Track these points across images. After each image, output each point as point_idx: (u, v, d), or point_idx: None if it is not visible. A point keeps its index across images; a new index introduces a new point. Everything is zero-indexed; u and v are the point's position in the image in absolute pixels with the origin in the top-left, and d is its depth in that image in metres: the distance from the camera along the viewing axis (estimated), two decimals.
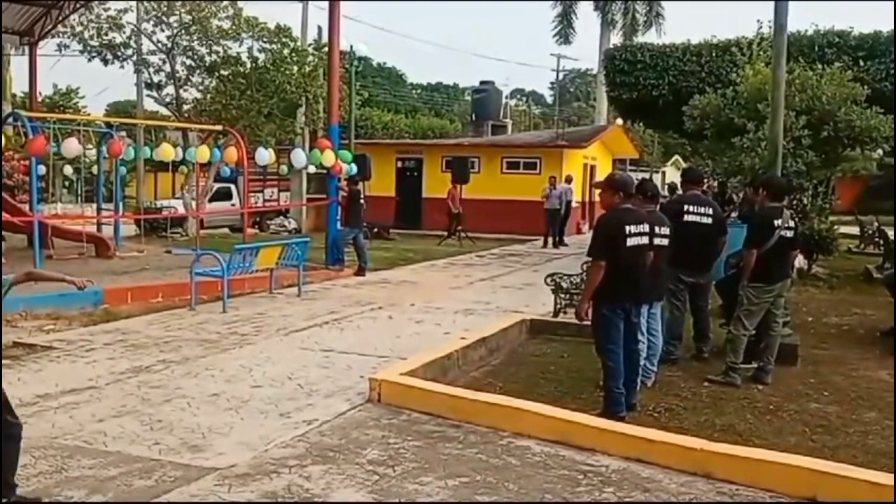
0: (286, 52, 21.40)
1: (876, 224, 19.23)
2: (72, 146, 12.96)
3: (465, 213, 21.36)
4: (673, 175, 37.17)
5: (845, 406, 6.23)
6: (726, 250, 8.04)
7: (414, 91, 63.62)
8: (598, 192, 6.38)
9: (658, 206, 6.98)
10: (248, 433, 5.32)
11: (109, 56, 20.98)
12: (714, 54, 18.31)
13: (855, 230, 19.43)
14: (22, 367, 6.96)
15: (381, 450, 5.04)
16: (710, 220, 7.56)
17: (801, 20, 26.74)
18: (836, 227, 13.72)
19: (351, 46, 23.09)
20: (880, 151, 15.30)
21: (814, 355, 7.85)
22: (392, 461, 4.84)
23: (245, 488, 4.40)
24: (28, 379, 6.59)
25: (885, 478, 4.28)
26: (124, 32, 21.16)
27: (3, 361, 6.91)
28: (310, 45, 23.65)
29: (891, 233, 16.42)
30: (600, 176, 23.82)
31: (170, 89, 21.72)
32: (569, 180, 22.17)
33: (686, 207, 7.50)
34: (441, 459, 4.89)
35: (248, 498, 4.26)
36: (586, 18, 50.01)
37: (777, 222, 6.81)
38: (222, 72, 21.23)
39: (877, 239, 18.73)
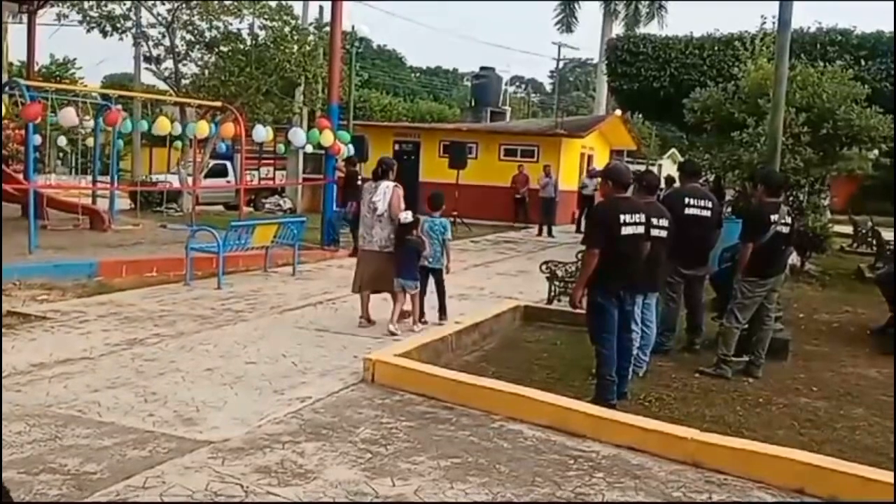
0: (287, 30, 21.23)
1: (870, 224, 19.31)
2: (69, 115, 12.89)
3: (529, 201, 21.49)
4: (669, 168, 37.18)
5: (834, 402, 6.30)
6: (720, 244, 8.09)
7: (413, 74, 63.46)
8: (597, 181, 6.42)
9: (656, 198, 7.02)
10: (242, 408, 5.35)
11: (108, 27, 20.75)
12: (716, 48, 18.34)
13: (848, 229, 19.51)
14: (16, 336, 6.97)
15: (374, 429, 5.07)
16: (709, 213, 7.60)
17: (804, 18, 26.69)
18: (830, 225, 13.78)
19: (352, 27, 22.95)
20: (876, 152, 15.32)
21: (804, 351, 7.92)
22: (385, 440, 4.88)
23: (239, 462, 4.42)
24: (22, 347, 6.61)
25: (871, 472, 4.34)
26: (124, 4, 20.95)
27: None
28: (311, 24, 23.48)
29: (886, 233, 16.49)
30: (597, 165, 23.79)
31: (168, 63, 21.52)
32: (592, 175, 21.80)
33: (687, 200, 7.53)
34: (434, 440, 4.93)
35: (241, 471, 4.29)
36: (588, 8, 49.92)
37: (773, 217, 6.83)
38: (222, 48, 21.07)
39: (870, 239, 18.83)
